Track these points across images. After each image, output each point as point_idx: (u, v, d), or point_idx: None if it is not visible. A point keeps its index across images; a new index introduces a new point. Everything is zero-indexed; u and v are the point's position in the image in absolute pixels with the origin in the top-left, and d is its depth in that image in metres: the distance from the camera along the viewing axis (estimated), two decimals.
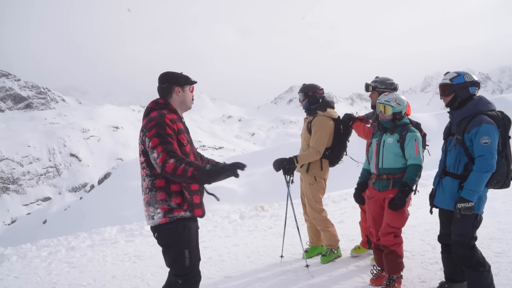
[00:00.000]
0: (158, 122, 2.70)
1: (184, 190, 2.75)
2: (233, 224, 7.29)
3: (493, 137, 3.02)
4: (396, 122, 3.73)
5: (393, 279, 3.62)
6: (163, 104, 2.91)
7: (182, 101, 2.98)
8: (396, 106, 3.70)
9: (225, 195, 21.03)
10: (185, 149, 2.80)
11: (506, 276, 3.78)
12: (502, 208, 5.96)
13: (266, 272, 4.48)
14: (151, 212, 2.74)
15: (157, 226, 2.74)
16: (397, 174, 3.70)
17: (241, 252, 5.38)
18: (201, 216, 2.91)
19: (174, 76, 2.97)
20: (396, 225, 3.66)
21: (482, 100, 3.21)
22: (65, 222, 29.01)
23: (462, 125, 3.18)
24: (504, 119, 3.16)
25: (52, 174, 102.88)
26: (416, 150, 3.62)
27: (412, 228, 5.53)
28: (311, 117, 4.57)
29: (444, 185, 3.29)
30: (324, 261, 4.53)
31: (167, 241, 2.78)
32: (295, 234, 5.88)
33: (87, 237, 6.82)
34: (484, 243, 4.56)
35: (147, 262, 5.33)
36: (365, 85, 4.36)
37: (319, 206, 4.57)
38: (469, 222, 3.14)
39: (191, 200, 2.79)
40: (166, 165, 2.52)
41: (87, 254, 5.92)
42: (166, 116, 2.76)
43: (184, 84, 2.97)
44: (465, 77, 3.23)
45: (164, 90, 2.94)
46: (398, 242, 3.66)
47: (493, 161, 3.01)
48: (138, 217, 7.74)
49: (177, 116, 2.90)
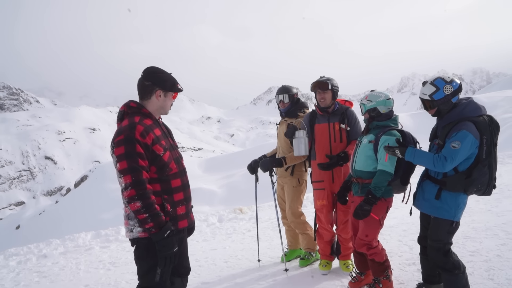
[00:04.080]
0: (126, 137, 2.49)
1: (166, 203, 2.62)
2: (212, 227, 7.20)
3: (464, 144, 2.90)
4: (372, 121, 3.56)
5: (378, 281, 3.60)
6: (136, 108, 2.67)
7: (160, 107, 2.73)
8: (367, 103, 3.54)
9: (204, 197, 20.87)
10: (163, 159, 2.62)
11: (480, 275, 3.82)
12: (475, 207, 6.09)
13: (244, 277, 4.41)
14: (130, 226, 2.61)
15: (136, 239, 2.62)
16: (366, 179, 3.52)
17: (219, 256, 5.29)
18: (187, 226, 2.79)
19: (161, 77, 2.70)
20: (367, 239, 3.53)
21: (470, 105, 3.06)
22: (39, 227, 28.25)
23: (445, 130, 3.09)
24: (491, 125, 3.01)
25: (25, 178, 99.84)
26: (386, 155, 3.35)
27: (390, 229, 5.57)
28: (292, 119, 4.52)
29: (425, 189, 3.27)
30: (303, 264, 4.49)
31: (143, 255, 2.64)
32: (274, 237, 5.85)
33: (60, 243, 6.60)
34: (459, 242, 4.61)
35: (122, 269, 5.18)
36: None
37: (299, 210, 4.52)
38: (445, 228, 3.13)
39: (174, 213, 2.66)
40: (131, 203, 2.45)
41: (59, 262, 5.72)
42: (137, 127, 2.52)
43: (169, 89, 2.71)
44: (444, 90, 3.05)
45: (144, 89, 2.68)
46: (375, 252, 3.56)
47: (449, 166, 2.94)
48: (116, 221, 7.58)
49: (152, 121, 2.68)
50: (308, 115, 4.29)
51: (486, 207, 6.09)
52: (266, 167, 4.39)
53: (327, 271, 4.26)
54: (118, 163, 2.48)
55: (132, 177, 2.44)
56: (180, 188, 2.73)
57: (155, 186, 2.60)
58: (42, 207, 41.53)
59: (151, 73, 2.71)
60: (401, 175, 3.43)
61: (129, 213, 2.60)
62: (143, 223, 2.46)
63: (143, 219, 2.45)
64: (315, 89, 4.14)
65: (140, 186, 2.45)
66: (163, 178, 2.64)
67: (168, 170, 2.66)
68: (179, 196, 2.71)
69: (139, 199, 2.43)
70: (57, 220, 27.99)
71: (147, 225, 2.46)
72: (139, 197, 2.44)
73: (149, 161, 2.57)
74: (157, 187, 2.60)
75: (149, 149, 2.55)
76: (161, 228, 2.49)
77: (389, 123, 3.54)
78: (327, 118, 4.15)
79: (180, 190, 2.73)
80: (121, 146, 2.48)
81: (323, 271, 4.25)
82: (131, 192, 2.43)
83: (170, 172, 2.68)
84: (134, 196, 2.43)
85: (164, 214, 2.59)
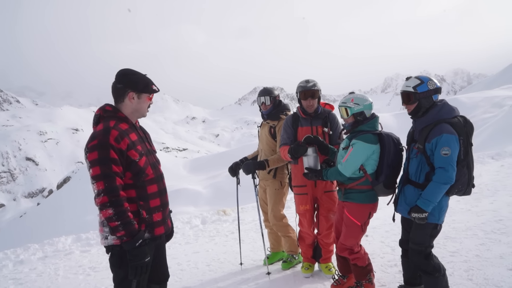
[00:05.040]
0: (100, 143, 2.42)
1: (141, 209, 2.56)
2: (195, 229, 7.13)
3: (453, 147, 2.93)
4: (356, 126, 3.43)
5: (360, 284, 3.60)
6: (111, 112, 2.61)
7: (135, 109, 2.64)
8: (354, 106, 3.40)
9: (189, 198, 20.74)
10: (139, 165, 2.56)
11: (459, 275, 3.87)
12: (456, 206, 6.16)
13: (226, 281, 4.36)
14: (105, 232, 2.53)
15: (110, 246, 2.54)
16: (348, 184, 3.47)
17: (201, 260, 5.23)
18: (164, 233, 2.73)
19: (132, 79, 2.61)
20: (349, 244, 3.52)
21: (445, 107, 3.09)
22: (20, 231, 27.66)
23: (423, 134, 3.10)
24: (466, 125, 3.06)
25: (5, 180, 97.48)
26: (346, 156, 3.32)
27: (372, 230, 5.59)
28: (274, 121, 4.48)
29: (406, 193, 3.25)
30: (285, 267, 4.47)
31: (118, 263, 2.57)
32: (257, 239, 5.81)
33: (39, 248, 6.42)
34: (440, 243, 4.65)
35: (103, 274, 5.06)
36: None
37: (281, 213, 4.49)
38: (427, 232, 3.14)
39: (150, 220, 2.60)
40: (103, 210, 2.39)
41: (37, 268, 5.56)
42: (112, 132, 2.46)
43: (141, 91, 2.62)
44: (428, 84, 3.09)
45: (117, 92, 2.61)
46: (357, 257, 3.55)
47: (453, 173, 2.95)
48: None
49: (128, 126, 2.61)
50: (290, 118, 4.19)
51: (466, 207, 6.17)
52: (249, 170, 4.35)
53: (310, 274, 4.25)
54: (91, 168, 2.42)
55: (105, 183, 2.38)
56: (157, 194, 2.67)
57: (130, 192, 2.54)
58: (23, 209, 40.67)
59: (123, 75, 2.63)
60: (384, 180, 3.37)
61: (103, 220, 2.52)
62: (115, 231, 2.41)
63: (114, 227, 2.39)
64: (306, 97, 4.01)
65: (113, 193, 2.39)
66: (138, 184, 2.57)
67: (144, 176, 2.60)
68: (156, 202, 2.65)
69: (111, 206, 2.38)
70: (39, 222, 27.46)
71: (119, 233, 2.41)
72: (111, 204, 2.38)
73: (124, 167, 2.50)
74: (132, 193, 2.54)
75: (123, 154, 2.49)
76: (133, 237, 2.43)
77: (364, 127, 3.43)
78: (309, 121, 4.07)
79: (157, 196, 2.67)
80: (95, 152, 2.42)
81: (305, 274, 4.24)
82: (103, 198, 2.37)
83: (146, 178, 2.62)
84: (106, 203, 2.37)
85: (139, 221, 2.53)
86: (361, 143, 3.29)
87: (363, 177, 3.40)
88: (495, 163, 9.78)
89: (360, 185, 3.43)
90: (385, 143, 3.35)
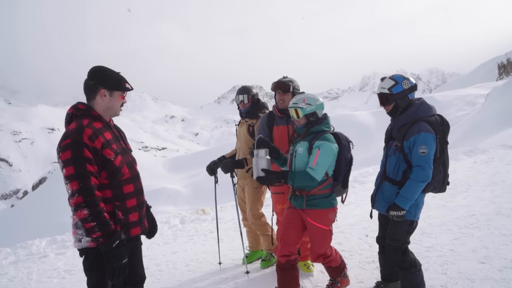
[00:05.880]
0: (73, 141, 2.36)
1: (117, 210, 2.49)
2: (173, 229, 7.04)
3: (430, 146, 2.98)
4: (310, 127, 3.29)
5: (335, 281, 3.62)
6: (84, 111, 2.54)
7: (107, 107, 2.57)
8: (307, 106, 3.25)
9: (169, 197, 20.55)
10: (114, 164, 2.50)
11: (434, 270, 3.95)
12: (431, 202, 6.29)
13: (205, 281, 4.32)
14: (78, 235, 2.45)
15: (84, 249, 2.47)
16: (310, 191, 3.25)
17: (179, 260, 5.16)
18: (140, 234, 2.68)
19: (104, 75, 2.55)
20: (322, 251, 3.41)
21: (423, 105, 3.14)
22: None
23: (401, 132, 3.14)
24: (443, 124, 3.12)
25: None
26: (315, 160, 3.11)
27: (350, 227, 5.65)
28: (253, 120, 4.46)
29: (384, 190, 3.29)
30: (264, 266, 4.46)
31: (92, 266, 2.50)
32: (236, 238, 5.79)
33: (11, 252, 6.21)
34: (416, 239, 4.73)
35: (78, 277, 4.93)
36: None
37: (260, 211, 4.48)
38: (404, 228, 3.18)
39: (126, 220, 2.53)
40: (78, 211, 2.31)
41: (8, 272, 5.37)
42: (85, 131, 2.39)
43: (113, 88, 2.56)
44: (403, 84, 3.11)
45: (88, 89, 2.54)
46: (330, 260, 3.50)
47: (429, 171, 3.01)
48: None
49: (102, 124, 2.55)
50: (266, 116, 4.15)
51: (441, 203, 6.31)
52: (227, 169, 4.31)
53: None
54: (65, 168, 2.34)
55: (79, 183, 2.31)
56: (133, 194, 2.61)
57: (106, 192, 2.47)
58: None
59: (95, 71, 2.56)
60: (342, 180, 3.37)
61: (77, 222, 2.44)
62: (90, 232, 2.33)
63: (90, 228, 2.32)
64: (276, 89, 3.99)
65: (88, 193, 2.32)
66: (114, 183, 2.51)
67: (119, 175, 2.53)
68: (132, 202, 2.59)
69: (86, 207, 2.30)
70: (12, 225, 26.67)
71: (95, 234, 2.33)
72: (86, 204, 2.31)
73: (99, 166, 2.44)
74: (107, 193, 2.48)
75: (98, 153, 2.42)
76: (109, 238, 2.36)
77: (322, 127, 3.31)
78: (285, 120, 4.02)
79: (133, 196, 2.61)
80: (68, 151, 2.34)
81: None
82: (78, 199, 2.30)
83: (122, 177, 2.55)
84: (81, 204, 2.30)
85: (115, 222, 2.46)
86: (328, 143, 3.17)
87: (326, 180, 3.27)
88: (468, 160, 10.05)
89: (323, 190, 3.28)
90: (342, 142, 3.33)
